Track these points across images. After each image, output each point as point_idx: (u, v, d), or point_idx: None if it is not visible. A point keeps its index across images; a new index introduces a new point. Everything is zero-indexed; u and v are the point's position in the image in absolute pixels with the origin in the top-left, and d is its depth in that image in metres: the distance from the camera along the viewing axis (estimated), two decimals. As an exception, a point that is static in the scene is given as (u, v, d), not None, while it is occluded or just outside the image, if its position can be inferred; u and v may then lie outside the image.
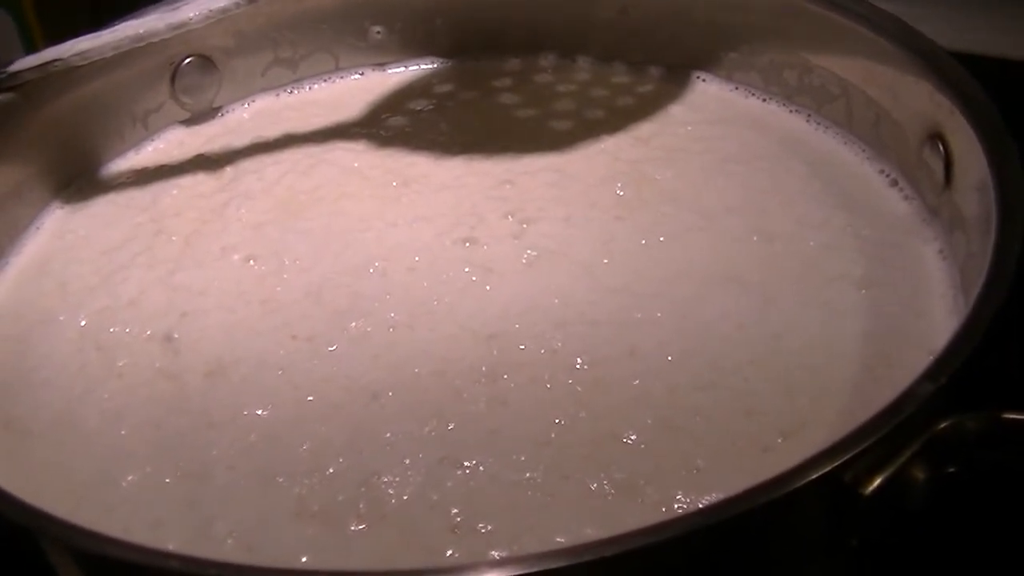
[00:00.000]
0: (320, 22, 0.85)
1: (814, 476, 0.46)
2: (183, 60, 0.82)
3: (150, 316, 0.67)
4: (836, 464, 0.46)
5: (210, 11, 0.74)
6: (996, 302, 0.52)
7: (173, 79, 0.82)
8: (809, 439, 0.55)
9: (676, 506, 0.54)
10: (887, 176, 0.73)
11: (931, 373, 0.49)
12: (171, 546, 0.54)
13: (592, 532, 0.52)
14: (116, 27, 0.74)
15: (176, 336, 0.66)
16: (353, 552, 0.53)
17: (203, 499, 0.57)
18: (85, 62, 0.72)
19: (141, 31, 0.73)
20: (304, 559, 0.53)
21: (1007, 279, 0.53)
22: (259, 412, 0.61)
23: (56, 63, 0.71)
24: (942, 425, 0.50)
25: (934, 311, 0.63)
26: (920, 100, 0.69)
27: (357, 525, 0.54)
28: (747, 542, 0.48)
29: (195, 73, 0.82)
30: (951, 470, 0.51)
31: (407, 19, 0.86)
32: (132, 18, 0.75)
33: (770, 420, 0.58)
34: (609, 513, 0.54)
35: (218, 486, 0.57)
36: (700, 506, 0.53)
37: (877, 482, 0.48)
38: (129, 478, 0.58)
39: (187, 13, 0.74)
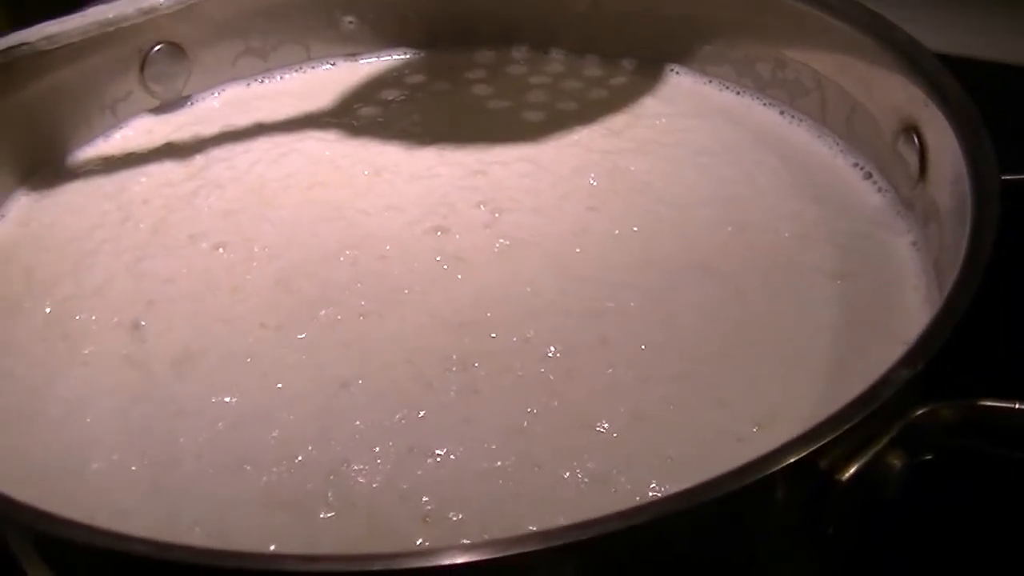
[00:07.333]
0: (292, 12, 0.84)
1: (789, 462, 0.46)
2: (153, 47, 0.80)
3: (117, 304, 0.66)
4: (811, 450, 0.46)
5: (181, -4, 0.74)
6: (971, 290, 0.52)
7: (142, 66, 0.81)
8: (783, 429, 0.54)
9: (650, 495, 0.53)
10: (861, 169, 0.73)
11: (907, 360, 0.49)
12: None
13: (564, 521, 0.50)
14: (85, 11, 0.72)
15: (143, 324, 0.65)
16: (321, 541, 0.53)
17: (170, 487, 0.56)
18: (52, 47, 0.71)
19: (110, 15, 0.72)
20: (272, 547, 0.52)
21: (981, 267, 0.53)
22: (227, 400, 0.60)
23: (22, 47, 0.70)
24: (918, 412, 0.50)
25: (907, 303, 0.63)
26: (894, 92, 0.69)
27: (326, 513, 0.54)
28: (723, 529, 0.47)
29: (165, 61, 0.81)
30: (927, 457, 0.51)
31: (380, 10, 0.85)
32: (102, 2, 0.74)
33: (743, 410, 0.57)
34: (582, 502, 0.53)
35: (185, 474, 0.56)
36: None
37: (853, 469, 0.48)
38: (94, 466, 0.57)
39: (158, -2, 0.73)
